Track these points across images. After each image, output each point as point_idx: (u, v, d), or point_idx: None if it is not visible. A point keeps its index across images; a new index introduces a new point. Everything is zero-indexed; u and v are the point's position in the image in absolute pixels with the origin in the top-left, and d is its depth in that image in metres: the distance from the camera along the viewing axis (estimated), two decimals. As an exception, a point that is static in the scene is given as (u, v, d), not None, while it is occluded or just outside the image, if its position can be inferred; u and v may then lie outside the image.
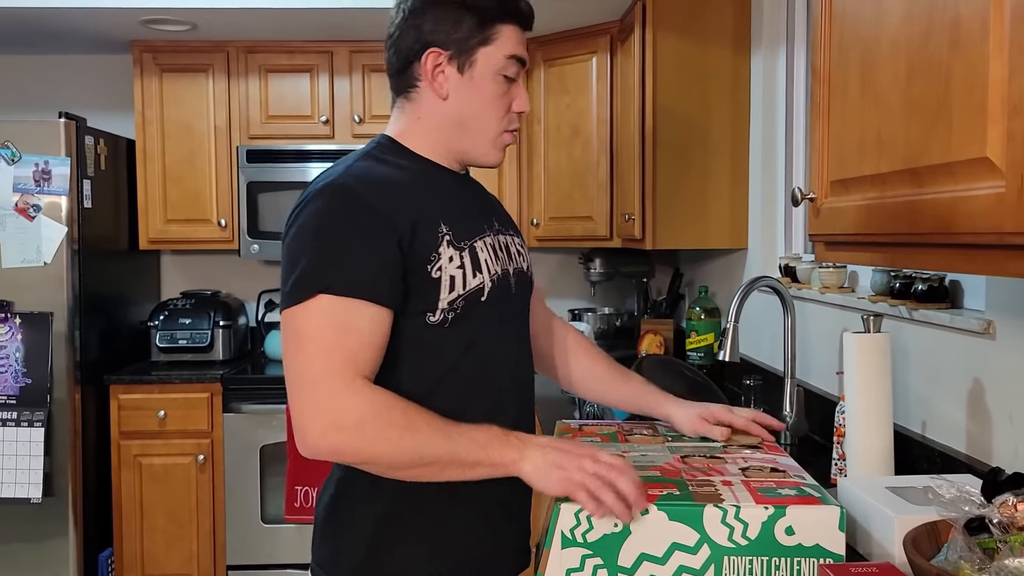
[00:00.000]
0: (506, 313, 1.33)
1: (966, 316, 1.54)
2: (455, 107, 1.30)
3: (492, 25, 1.28)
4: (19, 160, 3.05)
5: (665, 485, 1.19)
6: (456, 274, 1.25)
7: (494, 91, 1.30)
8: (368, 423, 1.14)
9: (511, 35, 1.30)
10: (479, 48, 1.28)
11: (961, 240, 0.93)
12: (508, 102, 1.32)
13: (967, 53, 0.89)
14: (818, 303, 2.21)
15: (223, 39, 3.52)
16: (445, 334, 1.25)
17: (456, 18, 1.27)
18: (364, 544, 1.28)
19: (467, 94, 1.30)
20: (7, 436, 3.01)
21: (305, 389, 1.15)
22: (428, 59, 1.28)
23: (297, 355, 1.17)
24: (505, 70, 1.30)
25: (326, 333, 1.16)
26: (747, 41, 2.83)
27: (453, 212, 1.29)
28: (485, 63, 1.29)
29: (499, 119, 1.32)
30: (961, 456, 1.54)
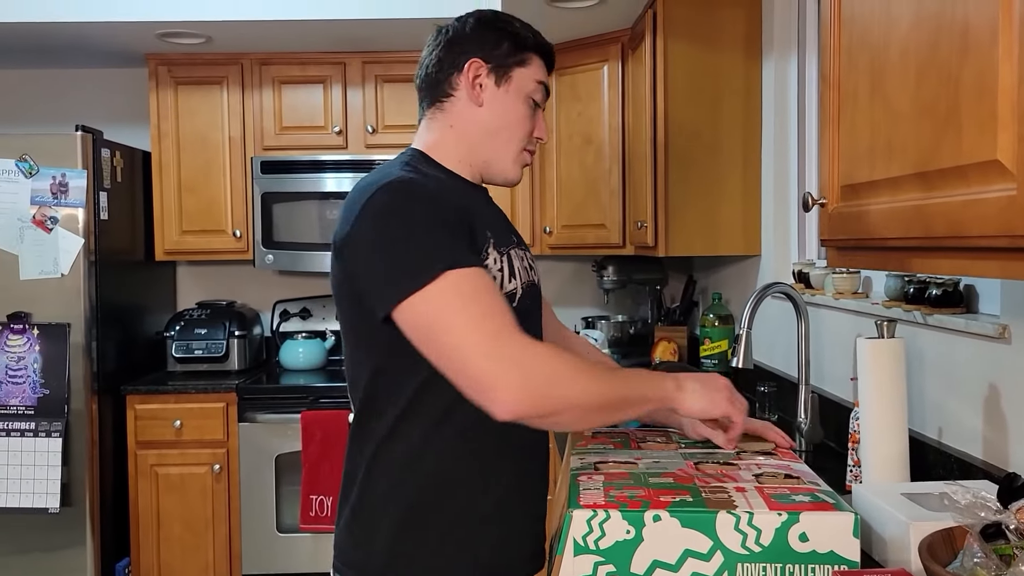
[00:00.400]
0: (529, 319, 1.37)
1: (981, 321, 1.53)
2: (488, 116, 1.41)
3: (527, 52, 1.43)
4: (37, 173, 3.08)
5: (678, 492, 1.18)
6: (498, 276, 1.33)
7: (523, 110, 1.42)
8: (559, 372, 1.18)
9: (540, 65, 1.45)
10: (515, 67, 1.41)
11: (973, 244, 0.92)
12: (531, 126, 1.44)
13: (977, 58, 0.89)
14: (832, 309, 2.20)
15: (237, 51, 3.55)
16: None
17: (497, 40, 1.41)
18: (389, 544, 1.31)
19: (500, 105, 1.41)
20: (25, 446, 3.04)
21: (481, 358, 1.15)
22: (471, 68, 1.39)
23: (453, 332, 1.17)
24: (534, 94, 1.43)
25: (472, 303, 1.18)
26: (758, 47, 2.82)
27: (491, 221, 1.39)
28: (519, 81, 1.41)
29: (523, 137, 1.43)
30: (978, 462, 1.52)
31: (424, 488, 1.31)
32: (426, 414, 1.31)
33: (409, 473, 1.31)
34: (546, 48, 1.46)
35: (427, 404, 1.30)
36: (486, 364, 1.15)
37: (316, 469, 3.18)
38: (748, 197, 2.86)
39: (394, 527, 1.31)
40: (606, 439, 1.50)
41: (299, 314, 3.86)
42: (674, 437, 1.51)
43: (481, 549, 1.34)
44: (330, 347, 3.75)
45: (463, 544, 1.33)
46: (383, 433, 1.32)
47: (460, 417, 1.29)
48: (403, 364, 1.27)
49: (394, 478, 1.32)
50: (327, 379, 3.48)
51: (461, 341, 1.16)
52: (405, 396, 1.30)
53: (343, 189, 3.52)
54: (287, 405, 3.29)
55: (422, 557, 1.31)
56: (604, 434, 1.55)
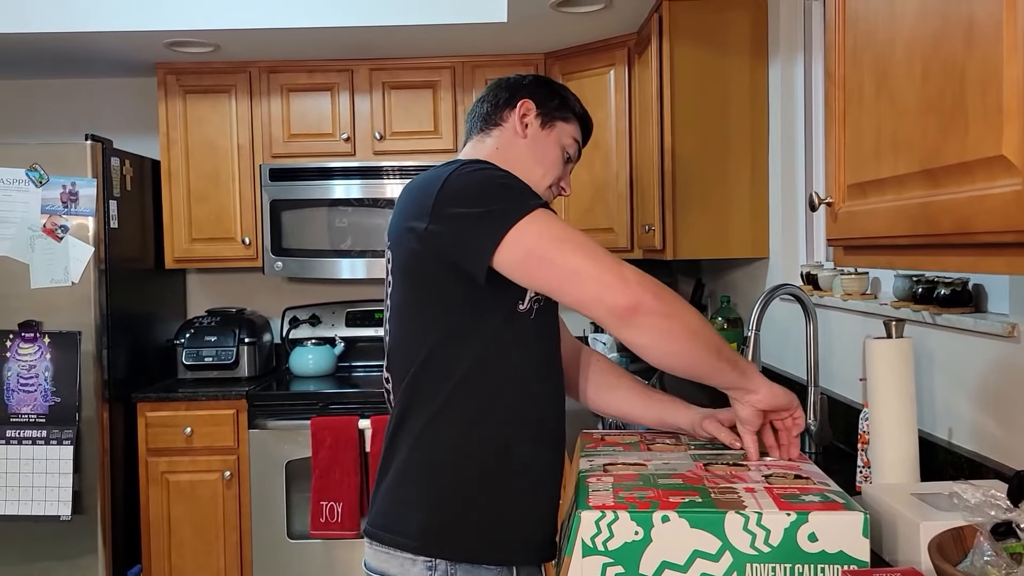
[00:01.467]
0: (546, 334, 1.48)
1: (990, 320, 1.53)
2: (528, 147, 1.55)
3: (570, 115, 1.59)
4: (47, 182, 3.11)
5: (687, 492, 1.18)
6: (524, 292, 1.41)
7: (557, 154, 1.57)
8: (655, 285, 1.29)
9: (579, 130, 1.61)
10: (559, 120, 1.57)
11: (980, 240, 0.92)
12: (560, 174, 1.58)
13: (981, 52, 0.88)
14: (840, 310, 2.19)
15: (245, 60, 3.57)
16: (527, 324, 1.41)
17: (550, 96, 1.59)
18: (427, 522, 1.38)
19: (540, 142, 1.56)
20: (37, 454, 3.05)
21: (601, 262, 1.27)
22: (523, 106, 1.56)
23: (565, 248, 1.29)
24: (568, 147, 1.58)
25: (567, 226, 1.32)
26: (764, 49, 2.82)
27: None
28: (560, 131, 1.57)
29: (552, 177, 1.56)
30: (988, 462, 1.51)
31: (467, 468, 1.38)
32: (475, 396, 1.38)
33: (453, 454, 1.38)
34: (587, 120, 1.64)
35: (476, 386, 1.38)
36: (609, 264, 1.27)
37: (326, 475, 3.19)
38: (756, 200, 2.85)
39: (434, 505, 1.38)
40: (616, 442, 1.50)
41: (308, 321, 3.87)
42: (683, 439, 1.51)
43: (516, 531, 1.41)
44: (339, 353, 3.76)
45: (501, 525, 1.39)
46: (431, 413, 1.39)
47: (508, 399, 1.39)
48: (458, 346, 1.37)
49: (438, 458, 1.39)
50: (337, 385, 3.48)
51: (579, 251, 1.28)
52: (455, 378, 1.38)
53: (351, 196, 3.53)
54: (297, 411, 3.29)
55: (461, 536, 1.38)
56: (614, 436, 1.54)
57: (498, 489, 1.39)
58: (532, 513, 1.44)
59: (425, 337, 1.39)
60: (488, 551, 1.39)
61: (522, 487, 1.41)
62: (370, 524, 1.45)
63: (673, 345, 1.29)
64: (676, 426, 1.54)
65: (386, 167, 3.52)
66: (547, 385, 1.46)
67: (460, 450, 1.38)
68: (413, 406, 1.41)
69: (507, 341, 1.39)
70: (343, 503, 3.18)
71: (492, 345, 1.38)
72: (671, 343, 1.29)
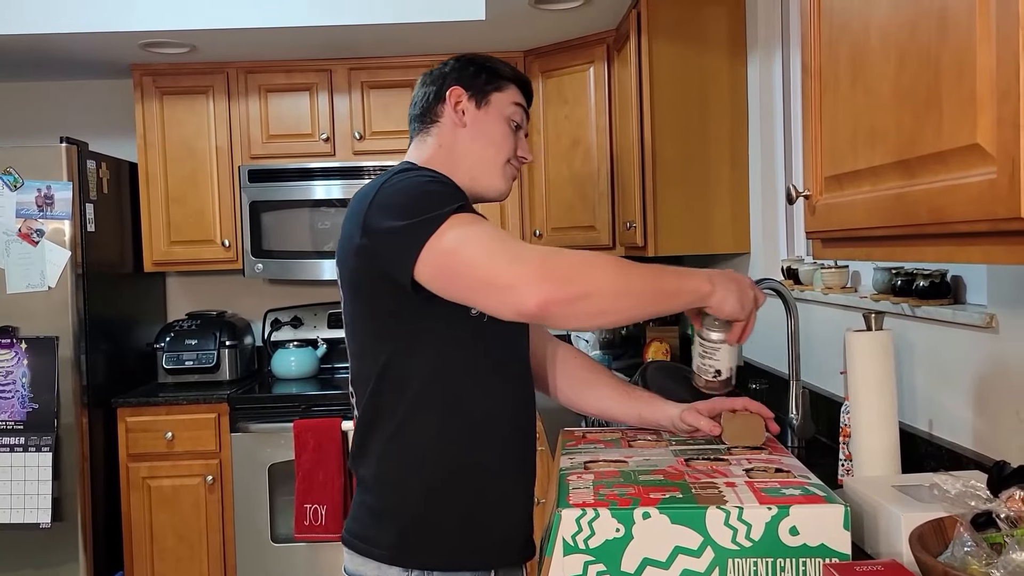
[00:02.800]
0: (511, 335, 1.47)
1: (969, 311, 1.53)
2: (471, 134, 1.51)
3: (503, 80, 1.55)
4: (22, 186, 3.07)
5: (667, 488, 1.17)
6: None
7: (503, 129, 1.53)
8: (583, 259, 1.24)
9: (517, 91, 1.56)
10: (493, 92, 1.53)
11: (956, 229, 0.91)
12: (514, 145, 1.54)
13: (955, 41, 0.88)
14: (821, 304, 2.19)
15: (222, 60, 3.54)
16: (482, 329, 1.38)
17: (476, 72, 1.54)
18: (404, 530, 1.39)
19: (482, 125, 1.52)
20: (15, 461, 3.01)
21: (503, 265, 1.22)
22: (452, 94, 1.52)
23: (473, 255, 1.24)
24: (513, 116, 1.53)
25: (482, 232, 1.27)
26: (742, 45, 2.82)
27: None
28: (497, 104, 1.53)
29: (507, 153, 1.52)
30: (968, 452, 1.52)
31: (435, 476, 1.39)
32: (435, 406, 1.39)
33: (420, 463, 1.39)
34: (522, 78, 1.58)
35: (435, 395, 1.38)
36: (507, 267, 1.21)
37: (310, 477, 3.16)
38: (736, 195, 2.85)
39: (405, 516, 1.39)
40: (597, 439, 1.49)
41: (290, 323, 3.85)
42: (664, 435, 1.51)
43: (490, 534, 1.42)
44: (322, 355, 3.73)
45: (474, 530, 1.40)
46: (394, 427, 1.39)
47: (469, 405, 1.40)
48: (412, 357, 1.37)
49: (405, 470, 1.39)
50: (319, 387, 3.46)
51: (480, 259, 1.23)
52: (413, 389, 1.38)
53: (332, 196, 3.51)
54: (279, 414, 3.27)
55: (434, 545, 1.39)
56: (595, 434, 1.54)
57: (468, 494, 1.40)
58: (506, 514, 1.45)
59: (379, 351, 1.40)
60: (462, 557, 1.40)
61: (494, 489, 1.42)
62: (346, 531, 1.46)
63: (602, 317, 1.27)
64: (656, 423, 1.54)
65: (366, 167, 3.50)
66: (512, 384, 1.47)
67: (426, 459, 1.38)
68: (376, 419, 1.41)
69: (462, 347, 1.39)
70: (327, 505, 3.15)
71: (446, 353, 1.39)
72: (598, 316, 1.27)
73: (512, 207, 3.60)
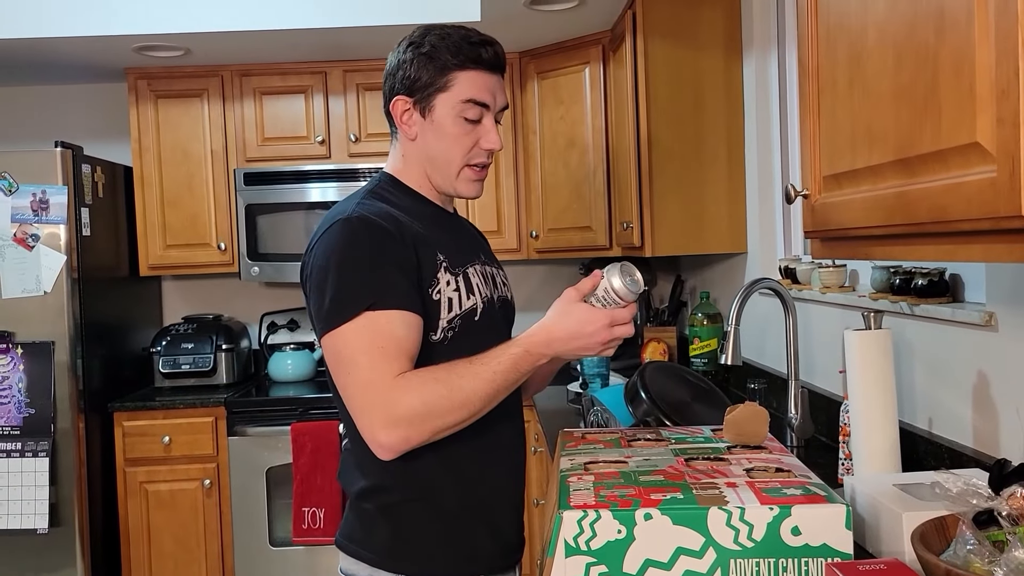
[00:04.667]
0: (496, 333, 1.44)
1: (967, 309, 1.53)
2: (421, 146, 1.45)
3: (449, 73, 1.41)
4: (16, 191, 3.06)
5: (669, 489, 1.17)
6: (453, 296, 1.40)
7: (455, 132, 1.43)
8: (419, 408, 1.26)
9: (470, 81, 1.41)
10: (436, 95, 1.42)
11: (956, 228, 0.91)
12: (474, 140, 1.44)
13: (953, 39, 0.88)
14: (819, 303, 2.19)
15: (217, 64, 3.53)
16: (446, 350, 1.37)
17: (417, 71, 1.42)
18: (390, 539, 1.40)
19: (430, 135, 1.44)
20: (12, 467, 3.00)
21: (362, 401, 1.28)
22: (396, 105, 1.45)
23: (348, 371, 1.30)
24: (464, 113, 1.42)
25: (370, 346, 1.28)
26: (738, 45, 2.83)
27: (447, 243, 1.44)
28: (442, 108, 1.42)
29: (461, 156, 1.44)
30: (968, 451, 1.52)
31: (418, 489, 1.40)
32: None
33: (401, 479, 1.39)
34: (473, 58, 1.41)
35: None
36: (364, 406, 1.27)
37: (308, 481, 3.15)
38: (733, 195, 2.86)
39: (391, 525, 1.40)
40: (596, 440, 1.49)
41: (287, 326, 3.84)
42: (664, 434, 1.50)
43: (478, 540, 1.43)
44: (319, 358, 3.72)
45: (459, 537, 1.41)
46: None
47: None
48: None
49: (389, 485, 1.40)
50: (316, 390, 3.45)
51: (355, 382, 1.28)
52: None
53: (328, 199, 3.50)
54: (277, 417, 3.26)
55: (420, 552, 1.40)
56: (595, 435, 1.53)
57: (452, 502, 1.41)
58: (492, 521, 1.45)
59: None
60: (449, 563, 1.41)
61: (477, 497, 1.43)
62: (339, 534, 1.47)
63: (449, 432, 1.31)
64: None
65: (362, 169, 3.49)
66: None
67: (406, 475, 1.38)
68: (355, 439, 1.41)
69: None
70: (325, 509, 3.14)
71: None
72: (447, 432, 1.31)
73: (509, 208, 3.60)
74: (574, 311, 1.33)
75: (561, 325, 1.32)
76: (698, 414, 1.98)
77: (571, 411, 2.76)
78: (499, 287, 1.54)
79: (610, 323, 1.32)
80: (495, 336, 1.42)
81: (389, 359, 1.28)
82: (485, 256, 1.56)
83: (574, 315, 1.32)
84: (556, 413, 2.73)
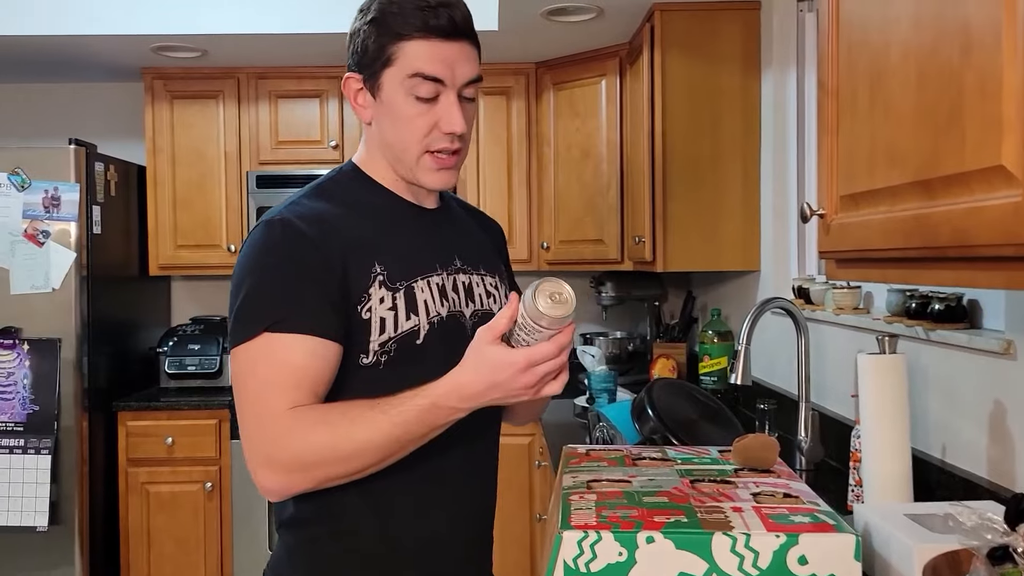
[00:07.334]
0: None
1: (985, 336, 1.49)
2: (377, 132, 1.28)
3: (393, 44, 1.21)
4: (29, 187, 3.06)
5: (672, 512, 1.14)
6: (387, 316, 1.21)
7: (407, 112, 1.22)
8: (302, 455, 1.13)
9: (418, 52, 1.20)
10: (383, 71, 1.22)
11: (978, 253, 0.89)
12: (431, 122, 1.23)
13: (980, 59, 0.85)
14: (833, 325, 2.16)
15: (233, 66, 3.53)
16: (380, 376, 1.20)
17: (363, 43, 1.24)
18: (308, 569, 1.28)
19: (383, 118, 1.25)
20: (14, 463, 2.99)
21: (247, 433, 1.17)
22: (348, 85, 1.28)
23: (239, 397, 1.18)
24: (414, 90, 1.21)
25: (262, 374, 1.15)
26: (757, 61, 2.80)
27: (394, 250, 1.25)
28: (390, 85, 1.22)
29: (417, 141, 1.23)
30: (983, 482, 1.48)
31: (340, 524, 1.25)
32: None
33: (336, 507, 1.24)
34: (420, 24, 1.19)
35: None
36: (247, 441, 1.16)
37: (309, 487, 3.13)
38: (747, 212, 2.83)
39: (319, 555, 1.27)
40: (601, 457, 1.46)
41: (294, 330, 3.82)
42: (670, 454, 1.47)
43: None
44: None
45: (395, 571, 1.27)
46: None
47: None
48: None
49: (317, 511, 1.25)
50: (322, 396, 3.43)
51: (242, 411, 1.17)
52: None
53: (339, 204, 3.48)
54: (281, 422, 3.24)
55: None
56: (599, 452, 1.50)
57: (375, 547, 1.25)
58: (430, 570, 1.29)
59: None
60: None
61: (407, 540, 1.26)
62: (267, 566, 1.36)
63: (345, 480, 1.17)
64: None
65: (375, 175, 3.48)
66: None
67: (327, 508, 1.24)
68: None
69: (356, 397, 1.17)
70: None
71: None
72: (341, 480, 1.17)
73: (520, 219, 3.58)
74: (486, 355, 1.10)
75: (471, 375, 1.11)
76: (706, 433, 1.94)
77: (576, 425, 2.73)
78: (478, 299, 1.33)
79: (526, 365, 1.08)
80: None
81: (280, 391, 1.13)
82: (464, 260, 1.33)
83: (486, 361, 1.10)
84: (561, 426, 2.70)
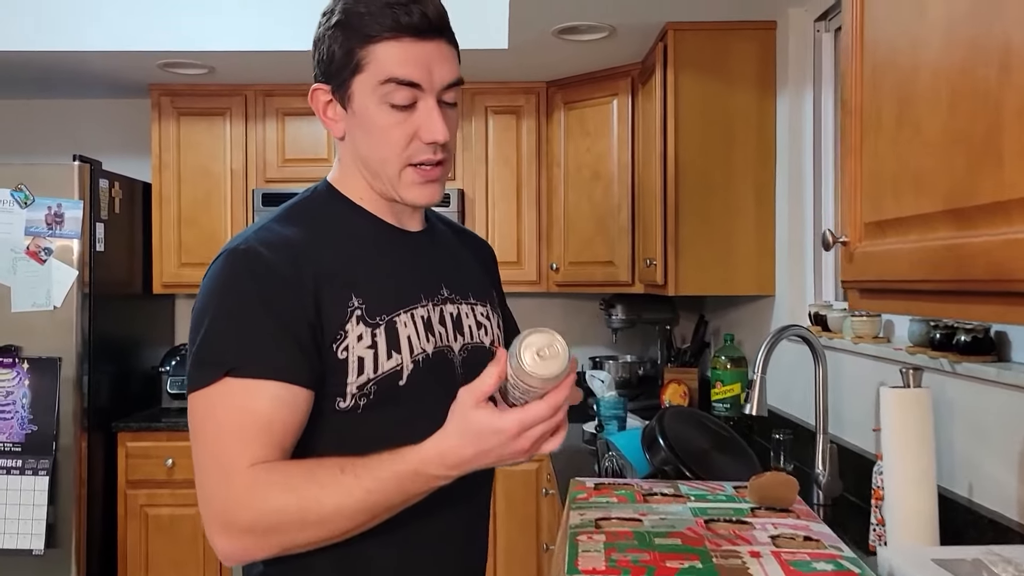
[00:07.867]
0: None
1: (1015, 370, 1.42)
2: (351, 146, 1.17)
3: (362, 48, 1.10)
4: (32, 203, 3.02)
5: (686, 556, 1.08)
6: (366, 355, 1.09)
7: (383, 122, 1.11)
8: (261, 519, 1.02)
9: (389, 54, 1.09)
10: (352, 78, 1.11)
11: (1017, 288, 0.82)
12: (409, 132, 1.12)
13: (1020, 78, 0.79)
14: (851, 354, 2.09)
15: (240, 83, 3.50)
16: (359, 421, 1.10)
17: (328, 50, 1.12)
18: None
19: (356, 131, 1.14)
20: (11, 485, 2.94)
21: (203, 491, 1.05)
22: (315, 97, 1.17)
23: (196, 449, 1.06)
24: (389, 97, 1.10)
25: (222, 424, 1.04)
26: (772, 81, 2.75)
27: (374, 280, 1.14)
28: (361, 94, 1.11)
29: (397, 154, 1.13)
30: (1014, 524, 1.41)
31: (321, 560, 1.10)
32: None
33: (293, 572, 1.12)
34: (390, 24, 1.08)
35: None
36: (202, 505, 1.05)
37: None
38: (762, 235, 2.76)
39: None
40: (609, 492, 1.39)
41: (299, 350, 3.76)
42: (683, 490, 1.40)
43: None
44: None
45: None
46: None
47: None
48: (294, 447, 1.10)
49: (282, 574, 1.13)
50: (325, 418, 3.37)
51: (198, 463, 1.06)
52: None
53: (346, 223, 3.44)
54: (283, 445, 3.18)
55: None
56: (607, 487, 1.44)
57: None
58: None
59: None
60: None
61: None
62: None
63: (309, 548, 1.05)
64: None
65: (382, 194, 3.44)
66: None
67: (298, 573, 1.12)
68: None
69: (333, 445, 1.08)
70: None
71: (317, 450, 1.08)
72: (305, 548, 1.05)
73: (529, 239, 3.52)
74: (471, 421, 0.98)
75: (455, 440, 0.99)
76: (719, 465, 1.87)
77: (585, 451, 2.66)
78: (468, 331, 1.22)
79: (519, 430, 0.97)
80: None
81: (241, 445, 1.02)
82: (453, 289, 1.23)
83: (471, 427, 0.99)
84: (569, 453, 2.63)
